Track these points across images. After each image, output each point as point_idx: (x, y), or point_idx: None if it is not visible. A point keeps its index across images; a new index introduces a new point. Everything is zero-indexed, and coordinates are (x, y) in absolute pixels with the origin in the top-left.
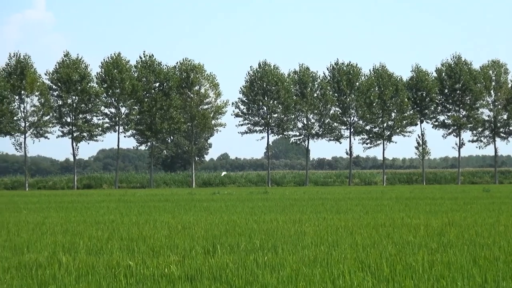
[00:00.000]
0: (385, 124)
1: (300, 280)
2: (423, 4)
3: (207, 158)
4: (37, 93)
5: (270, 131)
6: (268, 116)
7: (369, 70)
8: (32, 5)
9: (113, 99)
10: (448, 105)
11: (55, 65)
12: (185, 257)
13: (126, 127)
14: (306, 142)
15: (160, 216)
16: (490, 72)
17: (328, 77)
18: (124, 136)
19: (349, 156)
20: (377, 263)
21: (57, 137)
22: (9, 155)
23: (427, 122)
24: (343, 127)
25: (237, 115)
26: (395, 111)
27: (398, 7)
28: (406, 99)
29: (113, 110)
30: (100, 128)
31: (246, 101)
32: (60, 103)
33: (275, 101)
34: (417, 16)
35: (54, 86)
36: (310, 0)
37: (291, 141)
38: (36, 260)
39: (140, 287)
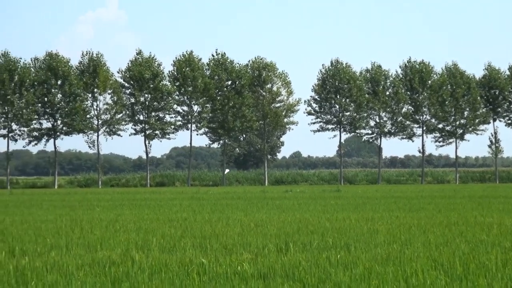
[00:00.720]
0: (457, 123)
1: (373, 278)
2: (494, 0)
3: (279, 156)
4: (109, 91)
5: (342, 129)
6: (340, 114)
7: (441, 68)
8: (105, 3)
9: (185, 97)
10: None
11: (128, 63)
12: (258, 255)
13: (198, 125)
14: (379, 140)
15: (232, 214)
16: None
17: (401, 75)
18: (197, 134)
19: (421, 155)
20: (450, 262)
21: (129, 135)
22: (82, 153)
23: (500, 121)
24: (415, 125)
25: (309, 113)
26: (467, 109)
27: (469, 4)
28: (478, 97)
29: (185, 108)
30: (172, 126)
31: (318, 99)
32: (133, 101)
33: (347, 99)
34: (489, 13)
35: (126, 84)
36: None
37: (363, 139)
38: (109, 257)
39: (213, 285)
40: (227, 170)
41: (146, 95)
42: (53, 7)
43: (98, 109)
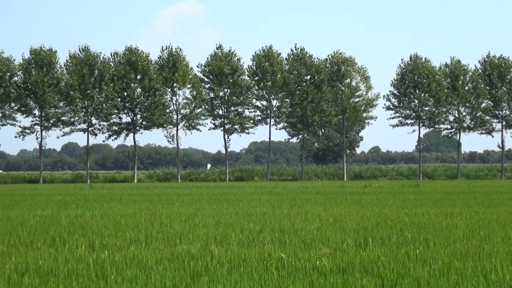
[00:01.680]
0: None
1: (452, 273)
2: None
3: (358, 151)
4: (189, 86)
5: (421, 124)
6: (419, 109)
7: None
8: (180, 0)
9: (264, 92)
10: None
11: (207, 58)
12: (337, 250)
13: (277, 119)
14: (458, 135)
15: (311, 209)
16: None
17: (480, 70)
18: (276, 129)
19: (501, 150)
20: None
21: (209, 130)
22: (161, 147)
23: None
24: (494, 120)
25: (388, 108)
26: None
27: None
28: None
29: (264, 102)
30: (251, 121)
31: (397, 94)
32: (212, 96)
33: (426, 94)
34: None
35: (206, 79)
36: None
37: (442, 134)
38: (188, 251)
39: (292, 279)
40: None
41: (226, 90)
42: (133, 2)
43: (177, 103)
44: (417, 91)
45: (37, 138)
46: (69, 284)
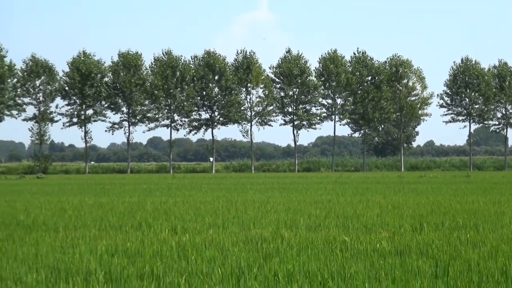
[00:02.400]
0: None
1: (500, 256)
2: None
3: (414, 144)
4: (261, 86)
5: (471, 120)
6: (470, 107)
7: None
8: (257, 6)
9: (329, 91)
10: None
11: (278, 60)
12: (395, 234)
13: (341, 116)
14: (505, 130)
15: (372, 197)
16: None
17: None
18: (340, 125)
19: None
20: None
21: (279, 125)
22: (237, 141)
23: None
24: None
25: (441, 106)
26: None
27: None
28: None
29: (329, 101)
30: (318, 118)
31: (450, 93)
32: (282, 95)
33: (476, 93)
34: None
35: (277, 80)
36: None
37: (490, 130)
38: (261, 235)
39: (354, 260)
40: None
41: (294, 89)
42: (211, 10)
43: (251, 101)
44: (468, 91)
45: (125, 133)
46: (154, 264)
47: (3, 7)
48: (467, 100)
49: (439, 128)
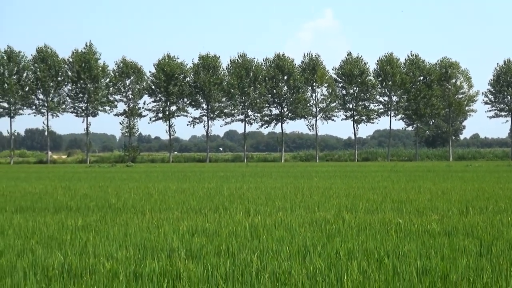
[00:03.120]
0: None
1: None
2: None
3: (461, 137)
4: (325, 85)
5: None
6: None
7: None
8: (322, 15)
9: (386, 90)
10: None
11: (340, 62)
12: (444, 217)
13: (396, 112)
14: None
15: (423, 183)
16: None
17: None
18: (395, 119)
19: None
20: None
21: (341, 120)
22: (303, 134)
23: None
24: None
25: (486, 103)
26: None
27: None
28: None
29: (386, 98)
30: (375, 113)
31: (493, 91)
32: (344, 93)
33: None
34: None
35: (339, 79)
36: None
37: None
38: (324, 217)
39: (407, 240)
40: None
41: (355, 88)
42: (281, 18)
43: (316, 99)
44: (510, 89)
45: (204, 126)
46: (229, 242)
47: (99, 15)
48: (509, 97)
49: (484, 123)
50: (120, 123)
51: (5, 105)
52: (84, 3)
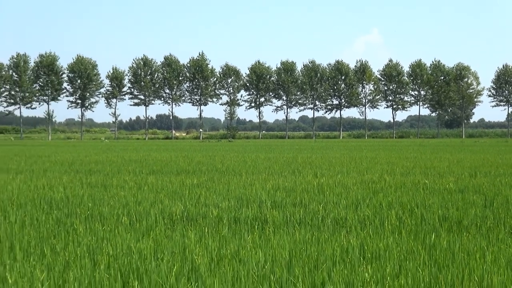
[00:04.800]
0: None
1: None
2: None
3: (471, 120)
4: (372, 83)
5: (509, 105)
6: (509, 97)
7: None
8: (370, 31)
9: (416, 86)
10: None
11: (383, 66)
12: (458, 179)
13: (423, 102)
14: None
15: (443, 155)
16: None
17: None
18: (423, 107)
19: None
20: None
21: (383, 108)
22: (356, 118)
23: None
24: None
25: (489, 96)
26: None
27: None
28: None
29: (416, 92)
30: (408, 103)
31: (495, 87)
32: (385, 88)
33: None
34: None
35: (382, 79)
36: None
37: None
38: (371, 178)
39: (431, 196)
40: (200, 130)
41: (393, 85)
42: (341, 33)
43: (365, 93)
44: (507, 86)
45: (284, 112)
46: (302, 196)
47: (211, 30)
48: (507, 92)
49: (488, 110)
50: (224, 110)
51: (142, 97)
52: (200, 21)
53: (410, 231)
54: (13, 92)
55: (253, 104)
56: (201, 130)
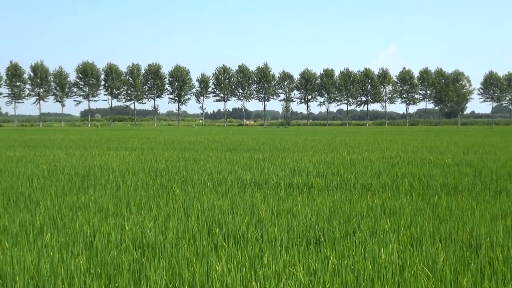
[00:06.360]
0: None
1: (507, 166)
2: None
3: (465, 112)
4: (390, 85)
5: (493, 101)
6: (494, 95)
7: None
8: (389, 47)
9: (423, 87)
10: None
11: (399, 73)
12: (454, 155)
13: (429, 98)
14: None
15: (444, 138)
16: None
17: None
18: (429, 102)
19: None
20: None
21: (399, 103)
22: (378, 111)
23: None
24: None
25: (479, 94)
26: None
27: None
28: None
29: (423, 92)
30: (418, 99)
31: (483, 88)
32: (401, 89)
33: (496, 88)
34: None
35: (398, 82)
36: None
37: (503, 105)
38: (389, 155)
39: (435, 168)
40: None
41: (407, 86)
42: (368, 46)
43: (385, 92)
44: (492, 87)
45: (325, 106)
46: (339, 168)
47: (271, 41)
48: (491, 91)
49: (477, 104)
50: (281, 104)
51: (222, 95)
52: (262, 35)
53: (419, 194)
54: (129, 92)
55: (302, 100)
56: (264, 119)
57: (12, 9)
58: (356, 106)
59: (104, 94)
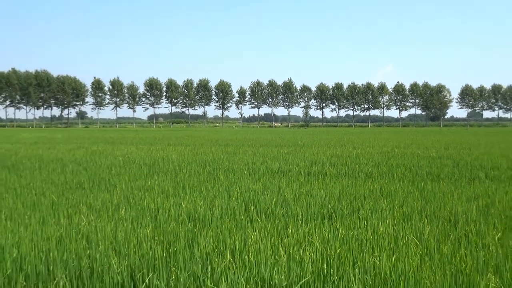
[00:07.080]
0: None
1: (479, 160)
2: None
3: (446, 117)
4: (387, 95)
5: (469, 107)
6: (470, 103)
7: None
8: (386, 66)
9: (413, 96)
10: None
11: (394, 86)
12: (438, 150)
13: (417, 106)
14: (482, 111)
15: (430, 137)
16: None
17: None
18: (417, 109)
19: None
20: None
21: (394, 109)
22: (377, 115)
23: None
24: None
25: (457, 102)
26: None
27: None
28: None
29: (413, 100)
30: (409, 106)
31: (460, 97)
32: (395, 98)
33: (471, 98)
34: None
35: (393, 93)
36: None
37: (476, 110)
38: (386, 150)
39: (422, 160)
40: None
41: (400, 96)
42: (370, 64)
43: (383, 100)
44: (467, 96)
45: (337, 112)
46: (347, 160)
47: (294, 53)
48: (467, 100)
49: (456, 111)
50: (302, 110)
51: (256, 103)
52: (283, 52)
53: (409, 180)
54: (185, 100)
55: (318, 107)
56: (288, 122)
57: (98, 36)
58: (360, 111)
59: (166, 102)
